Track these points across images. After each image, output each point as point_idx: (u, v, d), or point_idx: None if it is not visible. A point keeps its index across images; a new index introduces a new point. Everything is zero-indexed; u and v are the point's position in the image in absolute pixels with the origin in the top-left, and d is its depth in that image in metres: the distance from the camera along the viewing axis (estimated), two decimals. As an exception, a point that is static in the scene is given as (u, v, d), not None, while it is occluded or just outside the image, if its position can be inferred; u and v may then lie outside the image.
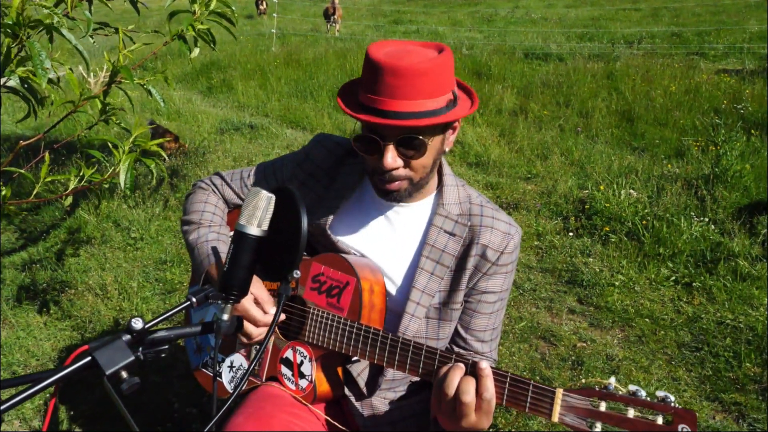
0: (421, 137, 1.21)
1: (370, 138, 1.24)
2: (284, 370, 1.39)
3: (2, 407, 0.82)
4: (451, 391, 1.08)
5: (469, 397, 1.06)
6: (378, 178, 1.29)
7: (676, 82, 6.98)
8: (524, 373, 2.67)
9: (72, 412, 2.44)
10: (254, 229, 1.08)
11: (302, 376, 1.36)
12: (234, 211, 1.62)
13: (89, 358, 0.91)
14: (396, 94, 1.17)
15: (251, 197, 1.09)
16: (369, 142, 1.24)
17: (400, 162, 1.25)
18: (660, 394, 0.97)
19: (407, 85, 1.17)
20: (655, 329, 3.00)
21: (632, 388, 0.99)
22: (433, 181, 1.43)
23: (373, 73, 1.20)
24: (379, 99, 1.19)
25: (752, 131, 5.35)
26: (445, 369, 1.13)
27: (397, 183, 1.28)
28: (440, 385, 1.11)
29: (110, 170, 2.25)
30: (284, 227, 1.09)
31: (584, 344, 2.91)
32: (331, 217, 1.42)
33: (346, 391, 1.41)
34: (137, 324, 0.95)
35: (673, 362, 2.78)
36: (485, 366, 1.08)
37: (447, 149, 1.36)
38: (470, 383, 1.08)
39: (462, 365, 1.12)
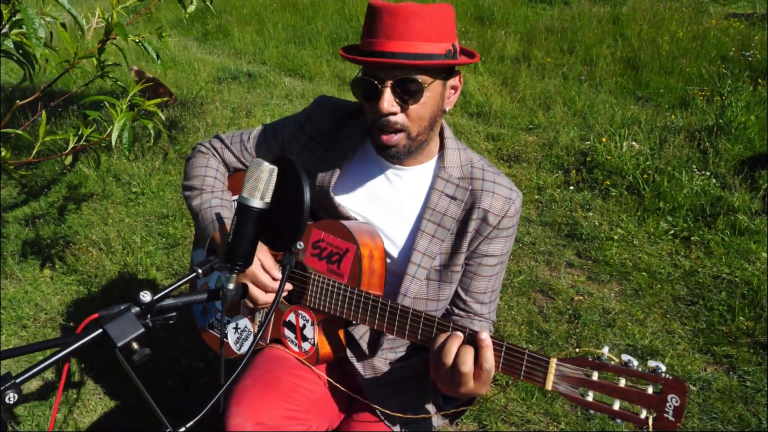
0: (418, 80, 1.21)
1: (367, 81, 1.24)
2: (287, 332, 1.43)
3: (19, 379, 0.87)
4: (449, 360, 1.11)
5: (467, 367, 1.09)
6: (376, 129, 1.28)
7: (684, 27, 6.79)
8: (522, 326, 2.74)
9: (83, 365, 2.51)
10: (257, 202, 1.08)
11: (305, 339, 1.40)
12: (235, 174, 1.61)
13: (100, 331, 0.95)
14: (391, 35, 1.19)
15: (253, 169, 1.08)
16: (367, 85, 1.25)
17: (396, 107, 1.24)
18: (652, 364, 1.00)
19: (402, 25, 1.19)
20: (651, 283, 3.05)
21: (625, 358, 1.02)
22: (435, 144, 1.42)
23: (371, 16, 1.23)
24: (376, 41, 1.22)
25: (759, 80, 5.24)
26: (443, 337, 1.15)
27: (395, 137, 1.27)
28: (438, 353, 1.13)
29: (108, 129, 2.23)
30: (287, 198, 1.09)
31: (582, 298, 2.96)
32: (333, 179, 1.42)
33: (348, 352, 1.45)
34: (146, 297, 0.98)
35: (668, 316, 2.84)
36: (485, 337, 1.10)
37: (447, 108, 1.35)
38: (469, 353, 1.10)
39: (460, 334, 1.14)
